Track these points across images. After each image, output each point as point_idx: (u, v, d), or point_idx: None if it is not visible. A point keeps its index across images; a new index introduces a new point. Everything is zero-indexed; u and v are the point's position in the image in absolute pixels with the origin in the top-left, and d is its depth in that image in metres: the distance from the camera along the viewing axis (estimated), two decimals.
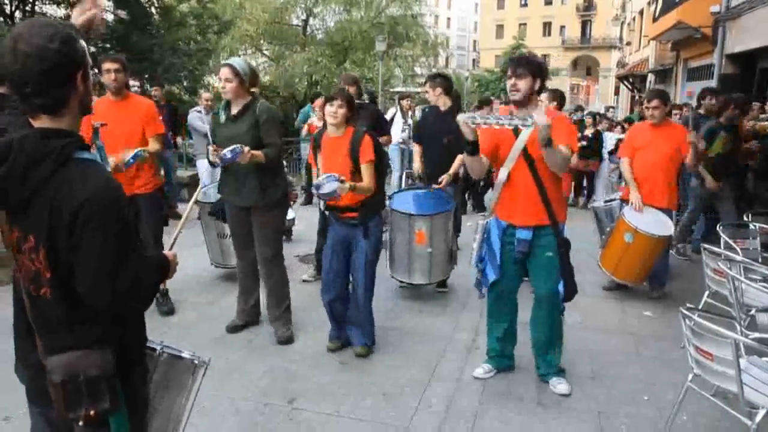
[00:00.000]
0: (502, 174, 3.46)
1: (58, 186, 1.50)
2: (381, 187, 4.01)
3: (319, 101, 8.06)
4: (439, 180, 5.19)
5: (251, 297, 4.54)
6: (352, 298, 4.08)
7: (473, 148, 3.26)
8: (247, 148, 3.85)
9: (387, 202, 4.45)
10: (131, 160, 4.21)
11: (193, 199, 2.34)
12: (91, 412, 1.57)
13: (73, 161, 1.54)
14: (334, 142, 3.88)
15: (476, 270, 3.75)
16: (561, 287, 3.48)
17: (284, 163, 4.79)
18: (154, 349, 1.96)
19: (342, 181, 3.60)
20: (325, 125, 4.03)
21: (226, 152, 3.83)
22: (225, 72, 4.01)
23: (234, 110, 4.12)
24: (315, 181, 3.69)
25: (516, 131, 3.34)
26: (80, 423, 1.57)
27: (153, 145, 4.49)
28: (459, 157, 5.24)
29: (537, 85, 3.39)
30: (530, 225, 3.46)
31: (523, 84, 3.34)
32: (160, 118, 4.74)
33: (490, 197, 5.25)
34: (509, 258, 3.56)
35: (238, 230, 4.40)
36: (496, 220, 3.59)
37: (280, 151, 4.30)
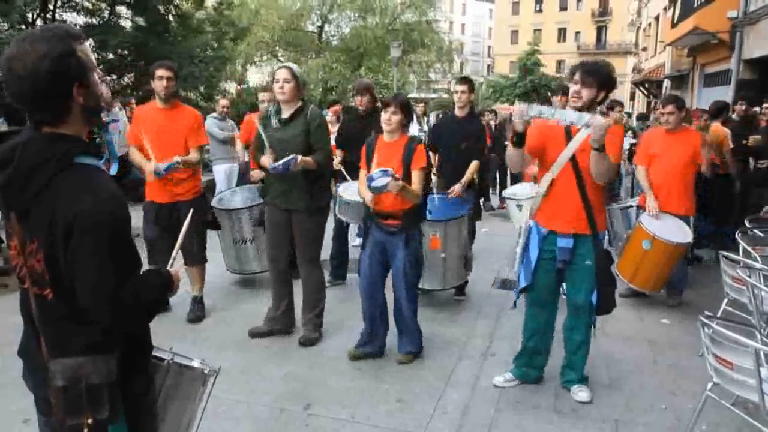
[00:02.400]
0: (545, 181, 3.40)
1: (57, 192, 1.50)
2: (424, 199, 4.03)
3: (334, 107, 8.11)
4: (449, 191, 5.19)
5: (282, 303, 4.50)
6: (395, 309, 4.08)
7: (519, 140, 3.23)
8: (300, 158, 3.91)
9: None
10: (164, 171, 4.30)
11: (185, 225, 2.21)
12: (90, 420, 1.56)
13: (74, 167, 1.54)
14: (388, 148, 3.91)
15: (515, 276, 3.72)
16: (594, 297, 3.44)
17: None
18: (163, 359, 1.94)
19: (395, 178, 3.59)
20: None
21: (279, 165, 3.90)
22: (283, 73, 4.05)
23: (285, 114, 4.15)
24: (369, 174, 3.69)
25: (568, 135, 3.28)
26: (84, 431, 1.56)
27: (194, 155, 4.56)
28: (474, 164, 5.24)
29: (600, 97, 3.32)
30: (571, 233, 3.41)
31: (587, 93, 3.27)
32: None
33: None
34: (546, 266, 3.51)
35: (277, 235, 4.37)
36: (537, 226, 3.53)
37: (329, 157, 4.33)
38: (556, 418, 3.41)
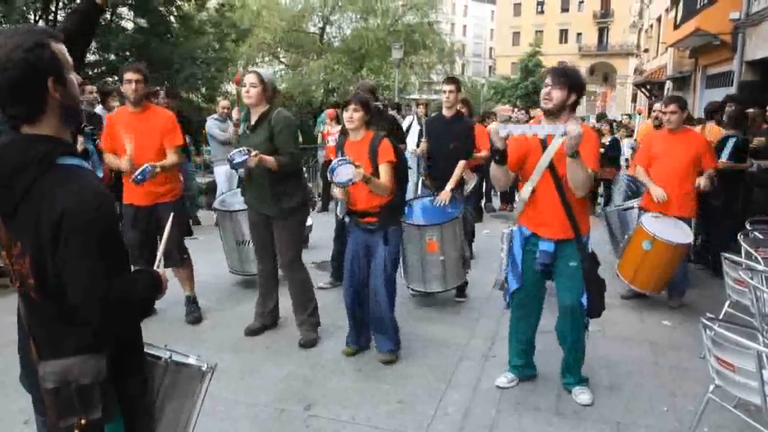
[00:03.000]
0: (526, 189, 3.42)
1: (41, 194, 1.48)
2: (401, 194, 4.04)
3: (330, 111, 8.12)
4: (438, 200, 5.16)
5: (269, 301, 4.59)
6: (372, 305, 4.08)
7: (500, 158, 3.24)
8: (254, 152, 3.90)
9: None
10: (139, 177, 4.16)
11: (168, 227, 2.17)
12: (83, 421, 1.55)
13: (56, 167, 1.51)
14: (354, 147, 3.94)
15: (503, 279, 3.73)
16: (584, 299, 3.44)
17: (303, 171, 4.77)
18: (160, 357, 1.93)
19: (357, 166, 3.60)
20: (344, 131, 4.07)
21: (234, 154, 3.92)
22: (251, 78, 4.08)
23: (252, 119, 4.17)
24: (330, 167, 3.68)
25: (544, 144, 3.31)
26: (75, 431, 1.55)
27: (171, 157, 4.49)
28: (461, 164, 5.24)
29: (571, 99, 3.34)
30: (553, 238, 3.43)
31: (558, 94, 3.31)
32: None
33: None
34: (531, 267, 3.53)
35: (258, 236, 4.46)
36: (520, 229, 3.56)
37: (296, 160, 4.30)
38: (556, 420, 3.40)
